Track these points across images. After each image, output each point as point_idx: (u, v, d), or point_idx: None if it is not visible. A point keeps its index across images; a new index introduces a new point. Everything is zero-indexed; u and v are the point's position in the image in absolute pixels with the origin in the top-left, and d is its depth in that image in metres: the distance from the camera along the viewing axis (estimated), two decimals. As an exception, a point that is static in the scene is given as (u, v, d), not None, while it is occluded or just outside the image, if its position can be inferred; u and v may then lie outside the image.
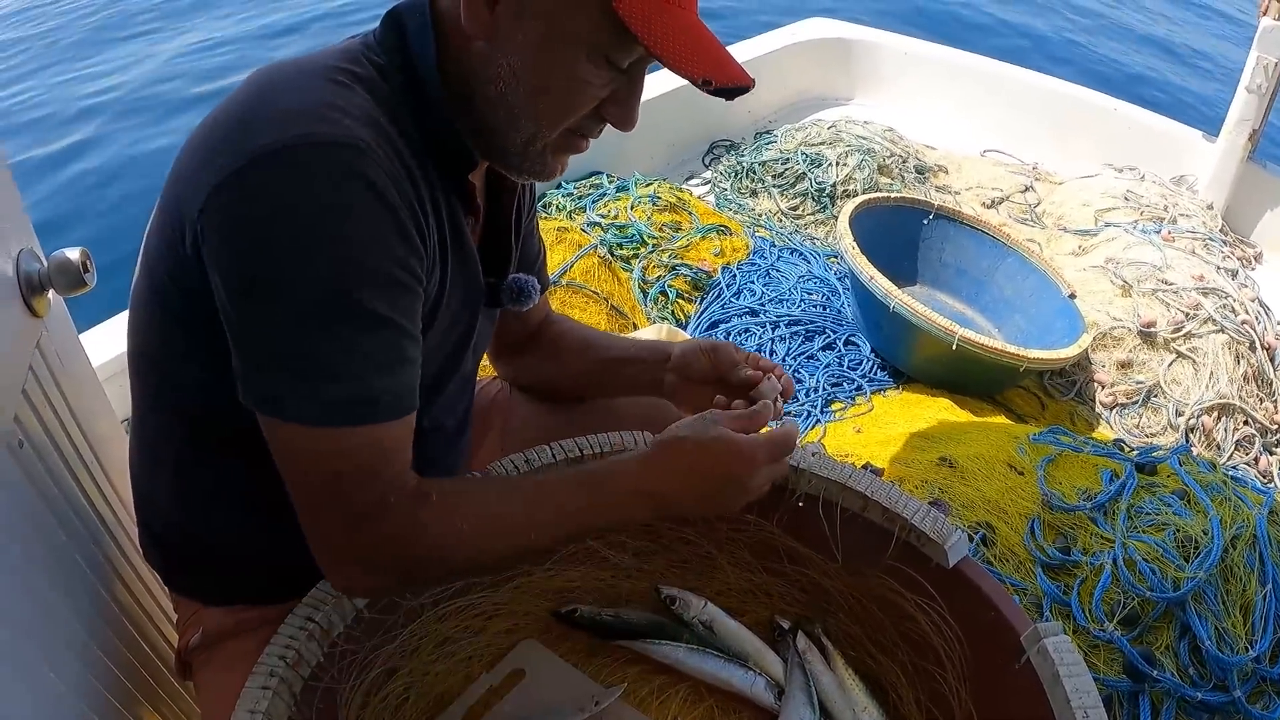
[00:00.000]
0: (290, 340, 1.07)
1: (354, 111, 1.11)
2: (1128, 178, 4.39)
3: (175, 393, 1.29)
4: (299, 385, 1.08)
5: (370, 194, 1.08)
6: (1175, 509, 1.99)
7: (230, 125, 1.10)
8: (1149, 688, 1.76)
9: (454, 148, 1.26)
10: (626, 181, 3.86)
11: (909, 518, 1.45)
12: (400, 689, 1.50)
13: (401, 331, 1.14)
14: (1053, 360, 2.96)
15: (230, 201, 1.06)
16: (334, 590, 1.32)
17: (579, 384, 1.79)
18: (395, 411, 1.14)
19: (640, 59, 1.19)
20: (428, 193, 1.21)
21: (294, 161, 1.05)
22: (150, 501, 1.44)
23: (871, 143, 4.38)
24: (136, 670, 1.54)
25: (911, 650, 1.52)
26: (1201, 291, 3.42)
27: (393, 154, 1.14)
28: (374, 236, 1.09)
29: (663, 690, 1.60)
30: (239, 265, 1.07)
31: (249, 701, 1.18)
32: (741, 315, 3.38)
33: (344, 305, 1.07)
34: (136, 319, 1.30)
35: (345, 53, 1.20)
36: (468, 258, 1.34)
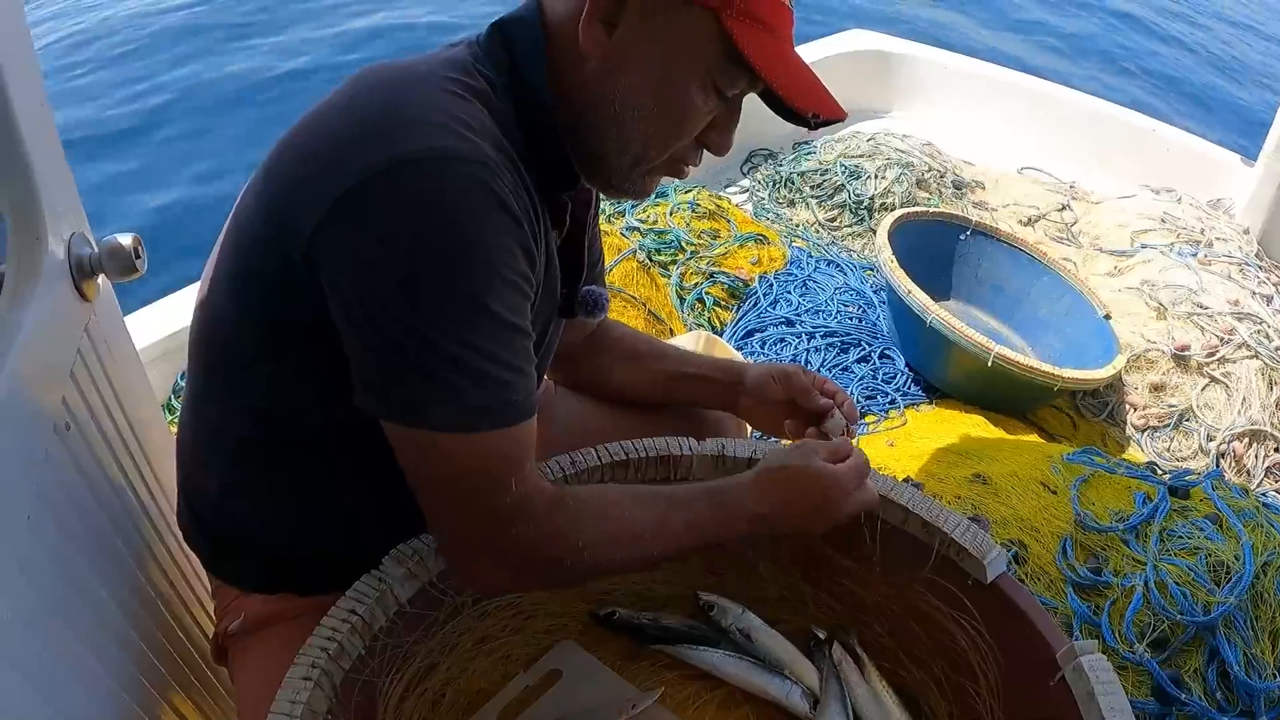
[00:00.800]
0: (430, 350, 1.08)
1: (477, 126, 1.13)
2: (1165, 199, 4.36)
3: (245, 387, 1.30)
4: (442, 391, 1.10)
5: (500, 208, 1.10)
6: (1208, 533, 1.99)
7: (354, 129, 1.11)
8: (1176, 711, 1.77)
9: (559, 168, 1.29)
10: (666, 187, 3.84)
11: (949, 532, 1.46)
12: (439, 684, 1.51)
13: (527, 336, 1.18)
14: (1086, 381, 2.96)
15: (366, 206, 1.07)
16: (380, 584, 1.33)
17: (646, 393, 1.81)
18: (529, 411, 1.18)
19: (744, 89, 1.24)
20: (533, 209, 1.23)
21: (433, 172, 1.07)
22: (199, 488, 1.46)
23: (910, 156, 4.37)
24: (169, 653, 1.56)
25: (946, 664, 1.52)
26: (1236, 316, 3.41)
27: (512, 171, 1.17)
28: (504, 247, 1.12)
29: (698, 696, 1.60)
30: (374, 271, 1.08)
31: (290, 692, 1.19)
32: (778, 325, 3.38)
33: (482, 313, 1.10)
34: (214, 309, 1.30)
35: (455, 63, 1.22)
36: (552, 271, 1.36)
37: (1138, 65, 9.10)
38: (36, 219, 1.23)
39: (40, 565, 1.13)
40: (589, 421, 1.81)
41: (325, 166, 1.10)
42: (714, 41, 1.17)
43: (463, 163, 1.08)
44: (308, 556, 1.44)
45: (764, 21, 1.17)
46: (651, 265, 3.39)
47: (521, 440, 1.17)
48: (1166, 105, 7.90)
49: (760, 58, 1.16)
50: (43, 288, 1.23)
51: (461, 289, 1.08)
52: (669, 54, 1.19)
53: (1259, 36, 10.67)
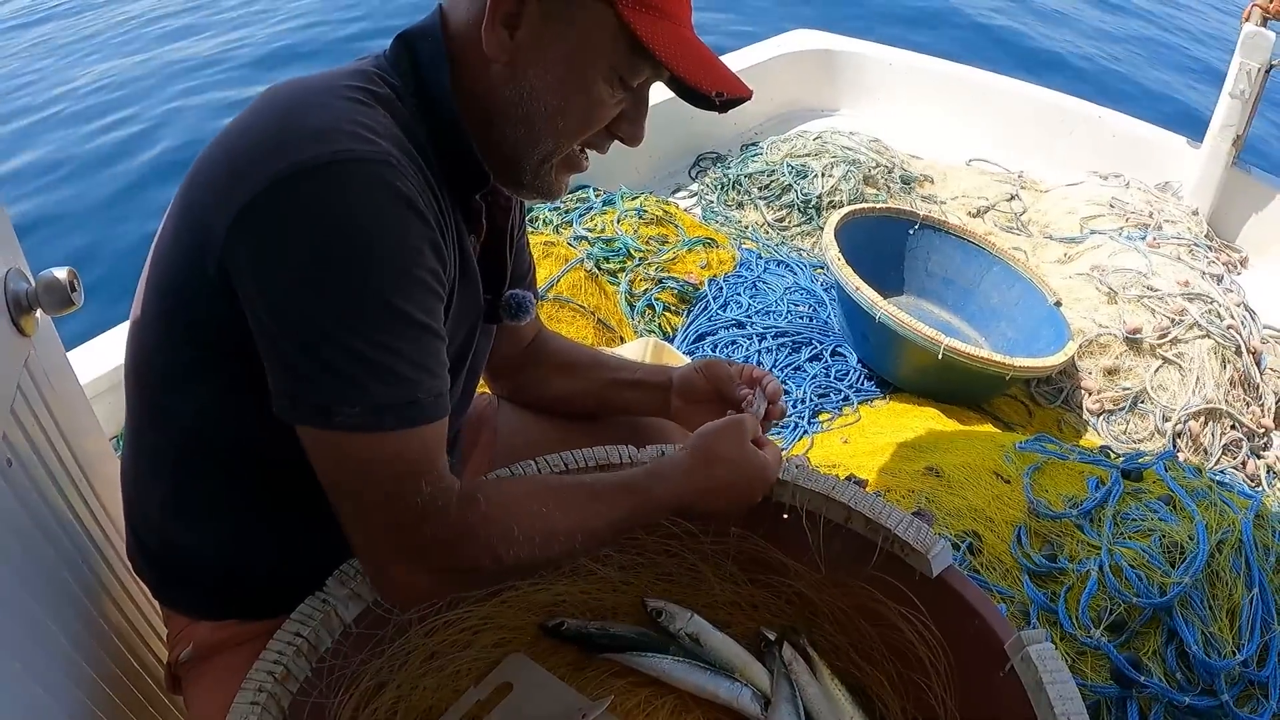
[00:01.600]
0: (338, 349, 1.08)
1: (379, 129, 1.14)
2: (1113, 185, 4.41)
3: (178, 410, 1.29)
4: (348, 392, 1.09)
5: (407, 207, 1.11)
6: (1161, 515, 2.00)
7: (259, 142, 1.12)
8: (1137, 693, 1.77)
9: (468, 169, 1.29)
10: (613, 195, 3.86)
11: (892, 528, 1.46)
12: (389, 703, 1.50)
13: (437, 336, 1.18)
14: (1039, 368, 2.97)
15: (270, 214, 1.07)
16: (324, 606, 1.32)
17: (582, 403, 1.81)
18: (438, 411, 1.17)
19: (649, 77, 1.26)
20: (443, 210, 1.23)
21: (335, 175, 1.07)
22: (143, 515, 1.44)
23: (857, 153, 4.39)
24: (125, 685, 1.54)
25: (897, 660, 1.52)
26: (1187, 297, 3.44)
27: (418, 172, 1.17)
28: (412, 247, 1.12)
29: (650, 702, 1.60)
30: (280, 277, 1.08)
31: (237, 716, 1.18)
32: (729, 327, 3.39)
33: (388, 312, 1.10)
34: (142, 335, 1.30)
35: (358, 74, 1.23)
36: (470, 276, 1.36)
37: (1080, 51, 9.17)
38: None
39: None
40: (531, 433, 1.80)
41: (230, 181, 1.10)
42: (614, 33, 1.18)
43: (363, 163, 1.08)
44: (251, 580, 1.42)
45: (660, 9, 1.19)
46: (600, 274, 3.39)
47: (430, 441, 1.16)
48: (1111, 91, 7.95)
49: (660, 44, 1.18)
50: (-23, 324, 1.21)
51: (366, 287, 1.08)
52: (572, 51, 1.20)
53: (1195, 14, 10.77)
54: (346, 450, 1.13)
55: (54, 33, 7.98)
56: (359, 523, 1.18)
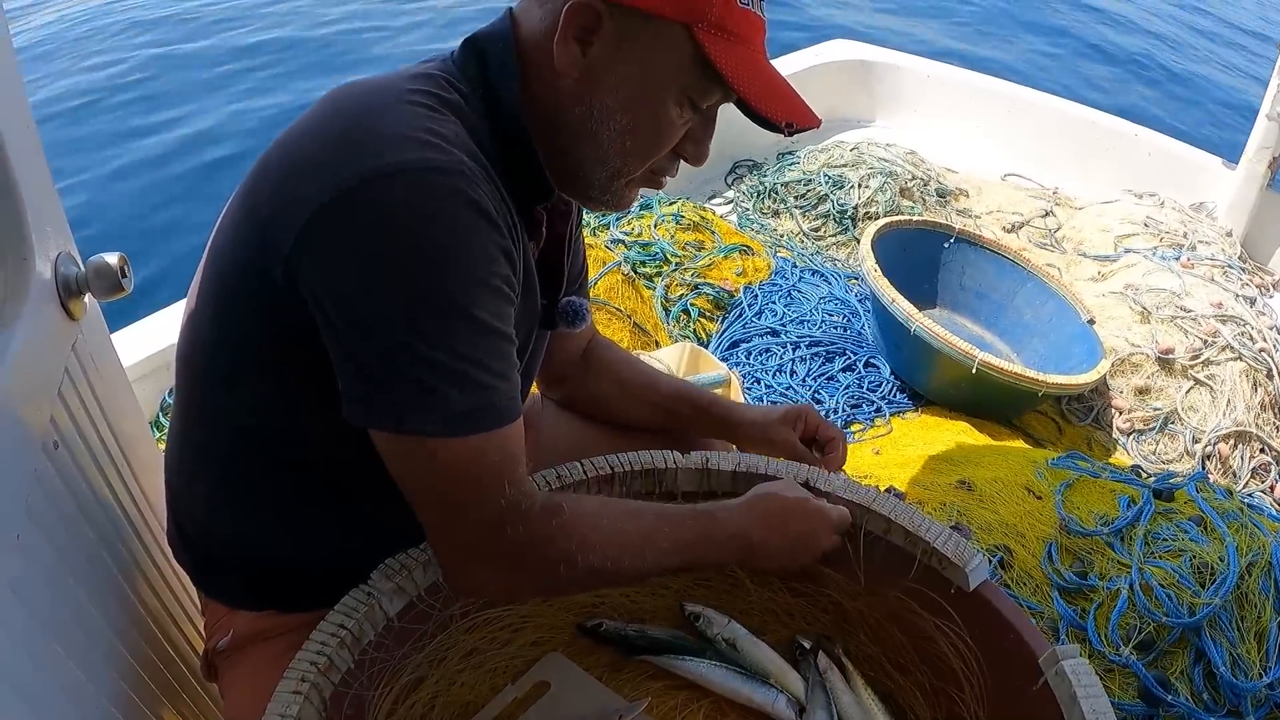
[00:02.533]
0: (414, 356, 1.09)
1: (451, 137, 1.14)
2: (1147, 203, 4.39)
3: (230, 407, 1.30)
4: (424, 399, 1.10)
5: (481, 216, 1.11)
6: (1192, 535, 2.00)
7: (331, 145, 1.12)
8: (1163, 713, 1.77)
9: (534, 180, 1.30)
10: (650, 200, 3.85)
11: (931, 541, 1.46)
12: (427, 698, 1.51)
13: (510, 341, 1.18)
14: (1071, 386, 2.96)
15: (346, 219, 1.08)
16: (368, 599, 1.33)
17: (642, 420, 1.83)
18: (512, 414, 1.17)
19: (718, 100, 1.26)
20: (510, 220, 1.23)
21: (413, 183, 1.07)
22: (187, 505, 1.45)
23: (894, 165, 4.38)
24: (160, 671, 1.55)
25: (930, 671, 1.53)
26: (1220, 319, 3.43)
27: (489, 180, 1.17)
28: (485, 253, 1.12)
29: (685, 706, 1.60)
30: (356, 284, 1.09)
31: (280, 705, 1.19)
32: (763, 335, 3.39)
33: (464, 318, 1.10)
34: (198, 330, 1.30)
35: (425, 78, 1.22)
36: (531, 282, 1.36)
37: (1120, 69, 9.13)
38: (23, 239, 1.23)
39: (30, 583, 1.13)
40: (575, 437, 1.81)
41: (300, 184, 1.11)
42: (687, 56, 1.18)
43: (439, 172, 1.09)
44: (293, 573, 1.43)
45: (736, 33, 1.18)
46: (636, 277, 3.39)
47: (509, 444, 1.17)
48: (1149, 110, 7.92)
49: (733, 70, 1.17)
50: (29, 308, 1.23)
51: (442, 295, 1.09)
52: (644, 71, 1.20)
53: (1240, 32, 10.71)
54: (424, 455, 1.14)
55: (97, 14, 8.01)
56: (441, 525, 1.21)
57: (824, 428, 1.77)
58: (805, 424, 1.76)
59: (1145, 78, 9.12)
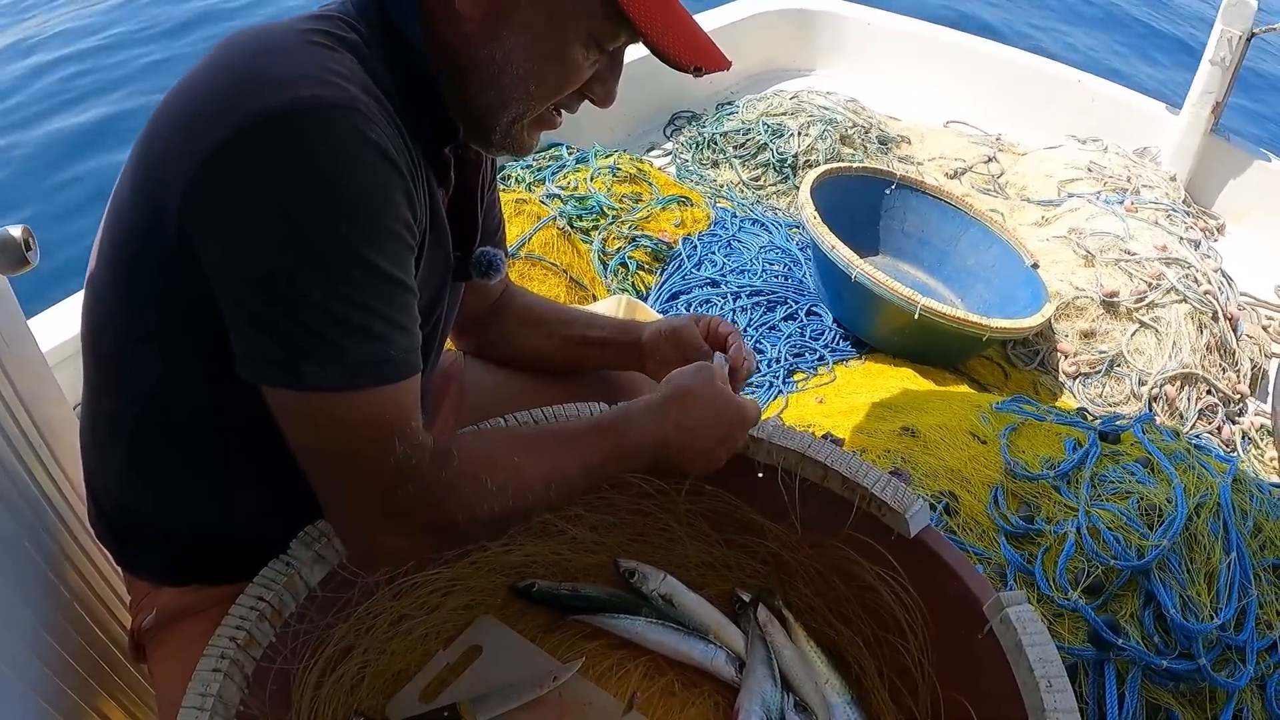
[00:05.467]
0: (308, 305, 1.04)
1: (349, 76, 1.10)
2: (1091, 149, 4.39)
3: (135, 374, 1.25)
4: (321, 350, 1.06)
5: (379, 156, 1.07)
6: (1139, 477, 1.97)
7: (220, 90, 1.07)
8: (1114, 656, 1.75)
9: (437, 122, 1.26)
10: (586, 153, 3.82)
11: (869, 487, 1.44)
12: (355, 668, 1.48)
13: (409, 290, 1.14)
14: (1015, 330, 2.96)
15: (231, 166, 1.03)
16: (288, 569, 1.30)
17: (552, 360, 1.79)
18: (411, 368, 1.14)
19: (625, 41, 1.22)
20: (414, 162, 1.20)
21: (304, 123, 1.03)
22: (102, 482, 1.41)
23: (834, 113, 4.36)
24: (90, 656, 1.53)
25: (874, 621, 1.51)
26: (1164, 262, 3.43)
27: (388, 120, 1.13)
28: (385, 198, 1.09)
29: (622, 665, 1.59)
30: (245, 231, 1.04)
31: (200, 684, 1.16)
32: (703, 286, 3.36)
33: (361, 265, 1.06)
34: (97, 297, 1.26)
35: (322, 18, 1.19)
36: (440, 231, 1.33)
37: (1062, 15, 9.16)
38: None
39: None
40: (500, 390, 1.78)
41: (190, 133, 1.06)
42: None
43: (332, 109, 1.04)
44: (212, 545, 1.40)
45: None
46: (573, 232, 3.35)
47: (404, 398, 1.13)
48: (1092, 56, 7.94)
49: (639, 11, 1.14)
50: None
51: (337, 240, 1.04)
52: (549, 13, 1.16)
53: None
54: (320, 412, 1.09)
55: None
56: (334, 486, 1.16)
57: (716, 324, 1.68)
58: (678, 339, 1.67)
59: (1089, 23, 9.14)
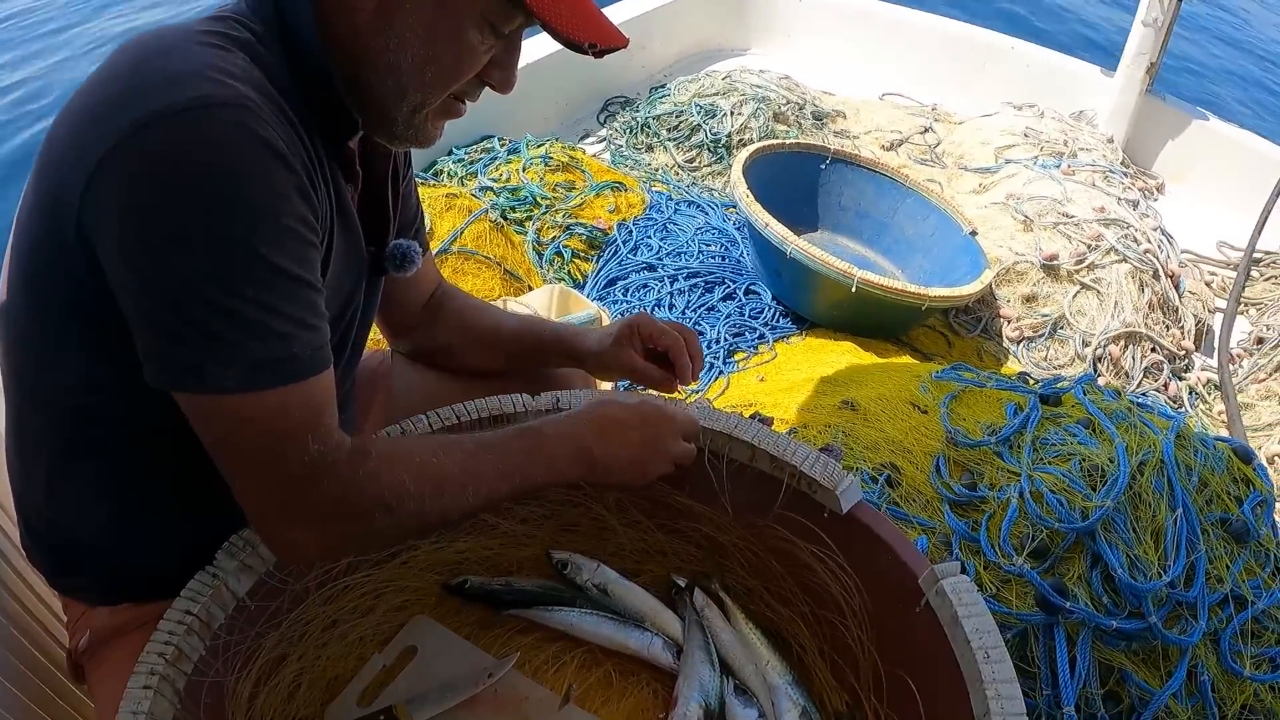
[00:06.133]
0: (205, 305, 1.03)
1: (239, 74, 1.08)
2: (1027, 115, 4.42)
3: (53, 386, 1.24)
4: (220, 351, 1.05)
5: (269, 153, 1.05)
6: (1081, 439, 1.96)
7: (111, 94, 1.06)
8: (1063, 619, 1.74)
9: (337, 115, 1.24)
10: (518, 144, 3.80)
11: (798, 465, 1.43)
12: (291, 676, 1.46)
13: (311, 287, 1.12)
14: (955, 297, 2.96)
15: (124, 167, 1.01)
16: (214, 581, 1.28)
17: (490, 365, 1.79)
18: (319, 365, 1.13)
19: (521, 23, 1.21)
20: (313, 158, 1.18)
21: (190, 122, 1.01)
22: (29, 500, 1.39)
23: (767, 91, 4.35)
24: (29, 680, 1.51)
25: (812, 600, 1.49)
26: (1103, 223, 3.44)
27: (281, 117, 1.11)
28: (278, 194, 1.07)
29: (558, 657, 1.57)
30: (139, 233, 1.03)
31: (131, 703, 1.14)
32: (639, 271, 3.35)
33: (257, 263, 1.05)
34: (10, 312, 1.24)
35: (215, 19, 1.17)
36: (350, 226, 1.32)
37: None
38: None
39: None
40: (430, 389, 1.77)
41: (85, 136, 1.05)
42: None
43: (219, 108, 1.03)
44: (141, 561, 1.38)
45: None
46: (506, 224, 3.33)
47: (313, 396, 1.12)
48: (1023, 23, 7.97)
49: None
50: None
51: (231, 238, 1.03)
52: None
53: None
54: (226, 412, 1.09)
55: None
56: (248, 486, 1.14)
57: (659, 336, 1.69)
58: (639, 336, 1.69)
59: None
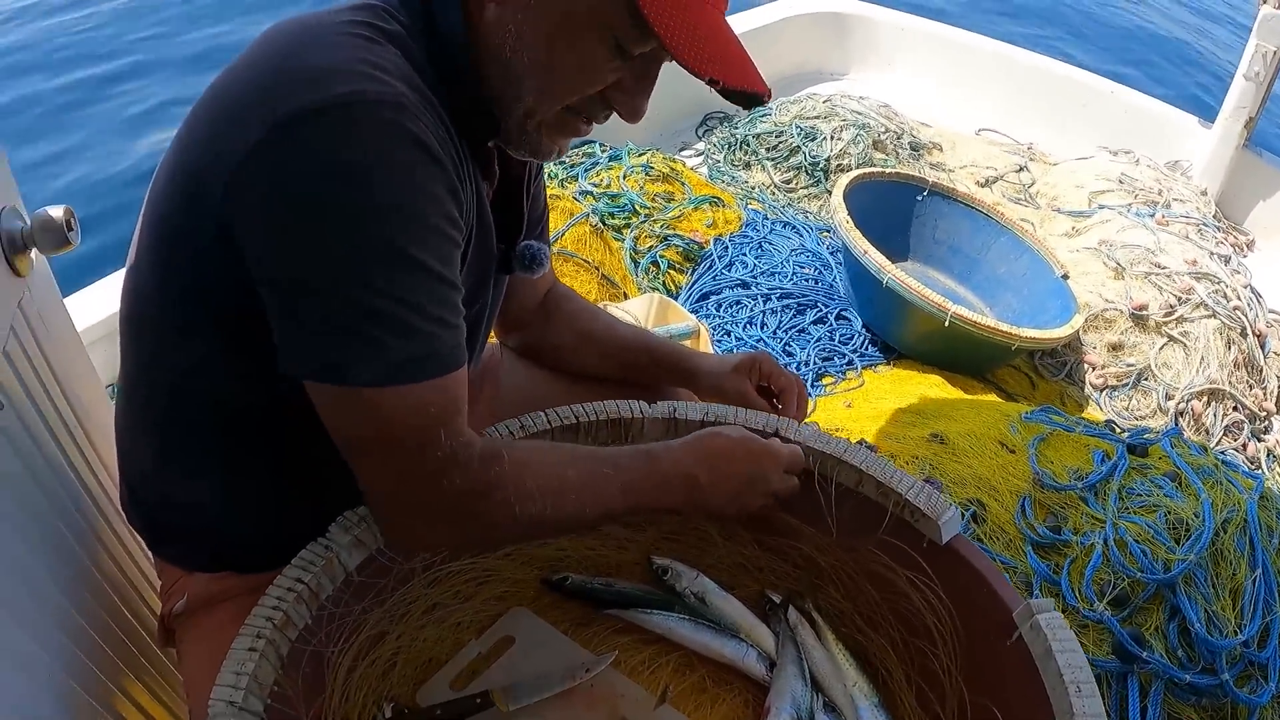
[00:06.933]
0: (349, 301, 1.05)
1: (390, 68, 1.09)
2: (1122, 161, 4.38)
3: (174, 363, 1.25)
4: (363, 347, 1.06)
5: (422, 151, 1.06)
6: (1166, 491, 1.97)
7: (261, 84, 1.07)
8: (1138, 669, 1.75)
9: (479, 112, 1.23)
10: (619, 151, 3.82)
11: (903, 493, 1.44)
12: (388, 654, 1.47)
13: (453, 286, 1.14)
14: (1044, 340, 2.95)
15: (275, 160, 1.03)
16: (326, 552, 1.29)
17: (599, 370, 1.80)
18: (455, 363, 1.14)
19: (655, 50, 1.17)
20: (459, 155, 1.19)
21: (345, 118, 1.02)
22: (136, 467, 1.42)
23: (867, 118, 4.35)
24: (118, 637, 1.52)
25: (903, 627, 1.50)
26: (1194, 276, 3.41)
27: (432, 113, 1.12)
28: (427, 192, 1.08)
29: (653, 660, 1.58)
30: (287, 228, 1.04)
31: (234, 663, 1.14)
32: (733, 287, 3.36)
33: (403, 261, 1.06)
34: (138, 285, 1.26)
35: (364, 8, 1.18)
36: (485, 223, 1.32)
37: (1095, 28, 9.12)
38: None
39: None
40: (538, 388, 1.79)
41: (232, 126, 1.06)
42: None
43: (375, 105, 1.04)
44: (245, 533, 1.40)
45: None
46: (605, 229, 3.35)
47: (450, 393, 1.14)
48: (1125, 68, 7.91)
49: (660, 17, 1.10)
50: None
51: (381, 237, 1.04)
52: (568, 2, 1.13)
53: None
54: (363, 406, 1.10)
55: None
56: (377, 476, 1.16)
57: (777, 376, 1.74)
58: (759, 372, 1.74)
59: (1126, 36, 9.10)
